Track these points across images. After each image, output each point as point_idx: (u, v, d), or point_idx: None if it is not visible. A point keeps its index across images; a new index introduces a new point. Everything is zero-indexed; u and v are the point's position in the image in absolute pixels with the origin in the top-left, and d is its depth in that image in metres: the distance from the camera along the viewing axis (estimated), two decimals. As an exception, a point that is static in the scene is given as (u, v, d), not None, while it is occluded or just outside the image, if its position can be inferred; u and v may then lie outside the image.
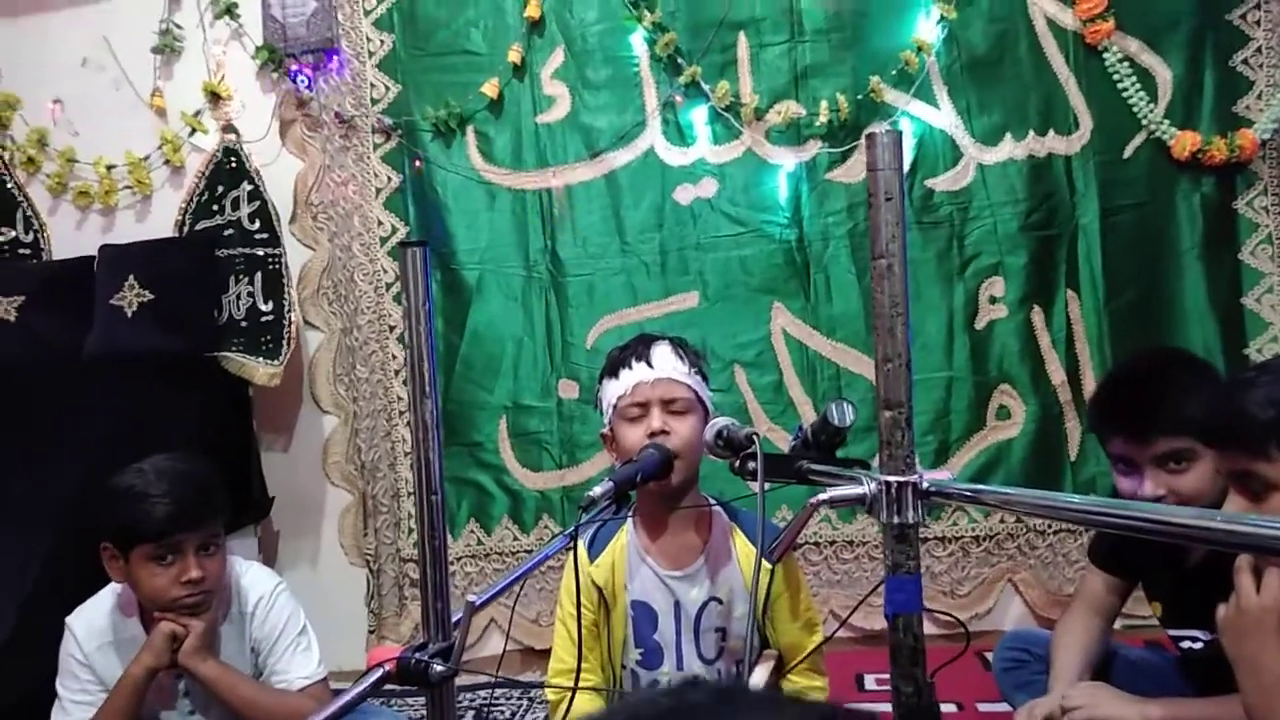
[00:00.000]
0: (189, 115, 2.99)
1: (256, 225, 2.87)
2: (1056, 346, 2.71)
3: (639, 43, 2.80)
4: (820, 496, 0.96)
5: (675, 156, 2.81)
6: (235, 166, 2.92)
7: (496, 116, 2.87)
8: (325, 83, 2.92)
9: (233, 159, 2.93)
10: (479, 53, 2.87)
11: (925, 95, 2.72)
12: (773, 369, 2.78)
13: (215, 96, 2.98)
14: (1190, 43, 2.66)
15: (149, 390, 2.56)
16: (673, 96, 2.78)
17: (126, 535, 1.63)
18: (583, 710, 1.54)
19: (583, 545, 1.66)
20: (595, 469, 2.81)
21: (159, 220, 3.03)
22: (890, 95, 2.71)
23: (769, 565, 1.53)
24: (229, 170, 2.93)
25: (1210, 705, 1.47)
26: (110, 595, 1.76)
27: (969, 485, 0.94)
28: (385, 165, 2.93)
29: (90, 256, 2.88)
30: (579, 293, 2.85)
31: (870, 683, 2.50)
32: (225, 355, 2.76)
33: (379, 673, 0.90)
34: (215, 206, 2.92)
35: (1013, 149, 2.70)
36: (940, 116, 2.73)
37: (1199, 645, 1.61)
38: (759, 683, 1.54)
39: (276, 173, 2.94)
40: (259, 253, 2.85)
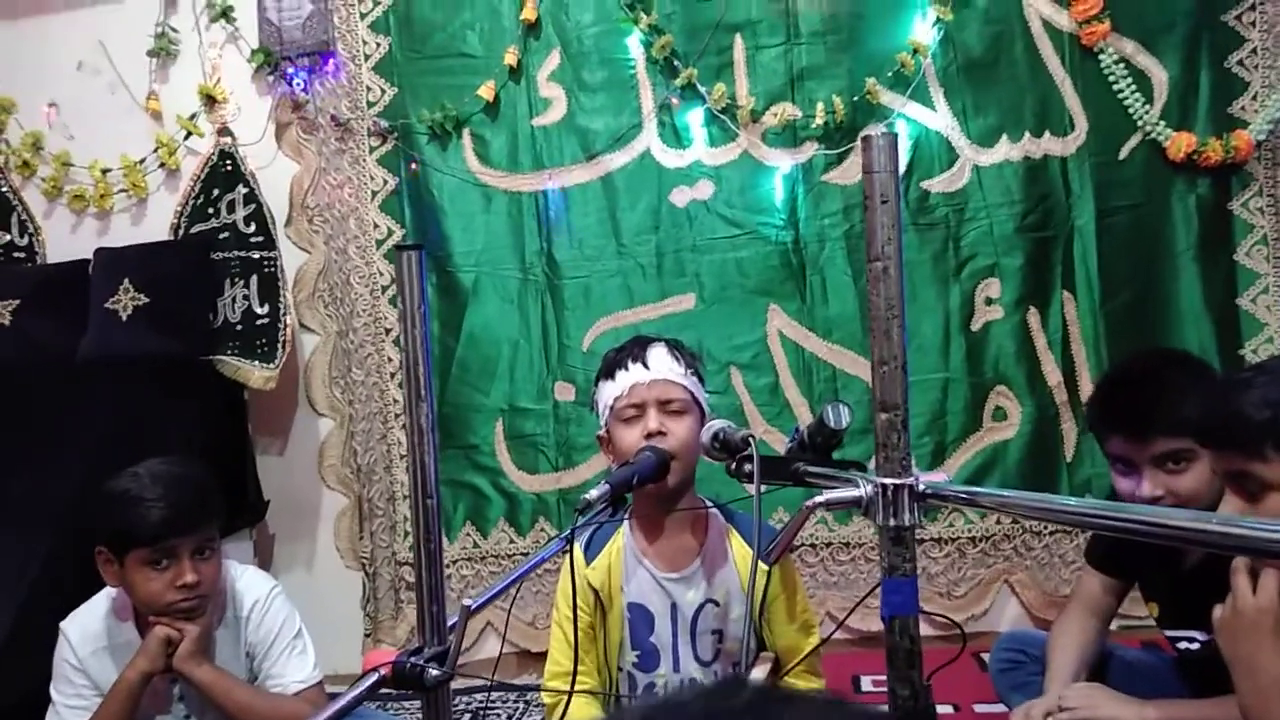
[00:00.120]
0: (184, 118, 2.98)
1: (252, 228, 2.85)
2: (1052, 348, 2.71)
3: (635, 45, 2.80)
4: (816, 499, 0.96)
5: (671, 158, 2.81)
6: (231, 169, 2.91)
7: (492, 119, 2.87)
8: (321, 86, 2.91)
9: (228, 162, 2.92)
10: (475, 55, 2.86)
11: (921, 97, 2.72)
12: (769, 371, 2.78)
13: (211, 99, 2.98)
14: (1186, 44, 2.66)
15: (144, 394, 2.55)
16: (669, 98, 2.78)
17: (121, 539, 1.62)
18: (579, 713, 1.54)
19: (579, 548, 1.67)
20: (591, 471, 2.81)
21: (154, 223, 3.02)
22: (886, 97, 2.72)
23: (765, 567, 1.52)
24: (224, 173, 2.92)
25: (1207, 706, 1.48)
26: (105, 600, 1.75)
27: (965, 488, 0.94)
28: (381, 168, 2.92)
29: (85, 260, 2.88)
30: (575, 295, 2.84)
31: (867, 684, 2.50)
32: (220, 358, 2.75)
33: (374, 677, 0.90)
34: (211, 210, 2.92)
35: (1008, 150, 2.70)
36: (936, 118, 2.73)
37: (1195, 646, 1.61)
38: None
39: (272, 176, 2.93)
40: (254, 256, 2.84)
